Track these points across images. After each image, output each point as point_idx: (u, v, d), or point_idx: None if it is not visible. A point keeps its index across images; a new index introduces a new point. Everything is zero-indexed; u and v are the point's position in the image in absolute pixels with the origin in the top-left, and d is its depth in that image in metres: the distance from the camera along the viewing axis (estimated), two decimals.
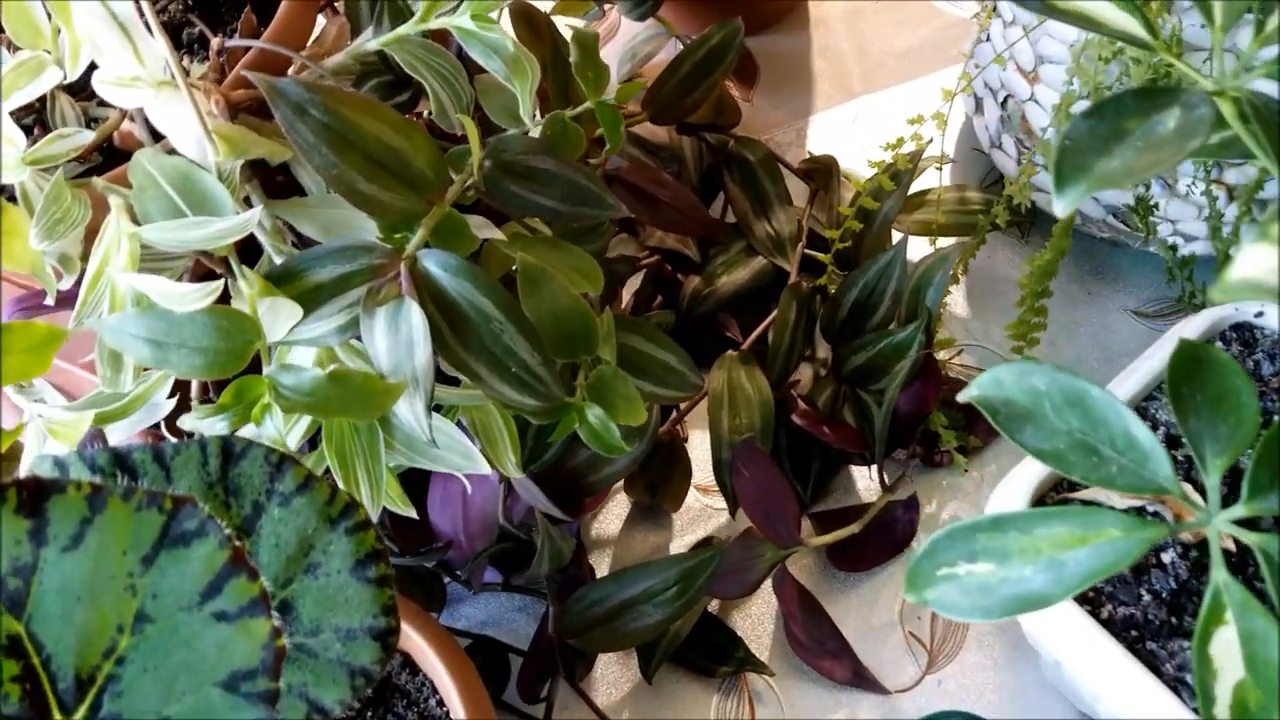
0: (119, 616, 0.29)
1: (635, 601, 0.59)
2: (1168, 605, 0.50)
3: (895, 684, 0.65)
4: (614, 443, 0.47)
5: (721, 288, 0.76)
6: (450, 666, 0.49)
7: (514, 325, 0.42)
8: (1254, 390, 0.36)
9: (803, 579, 0.68)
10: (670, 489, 0.69)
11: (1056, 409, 0.36)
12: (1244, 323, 0.58)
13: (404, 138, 0.41)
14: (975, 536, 0.37)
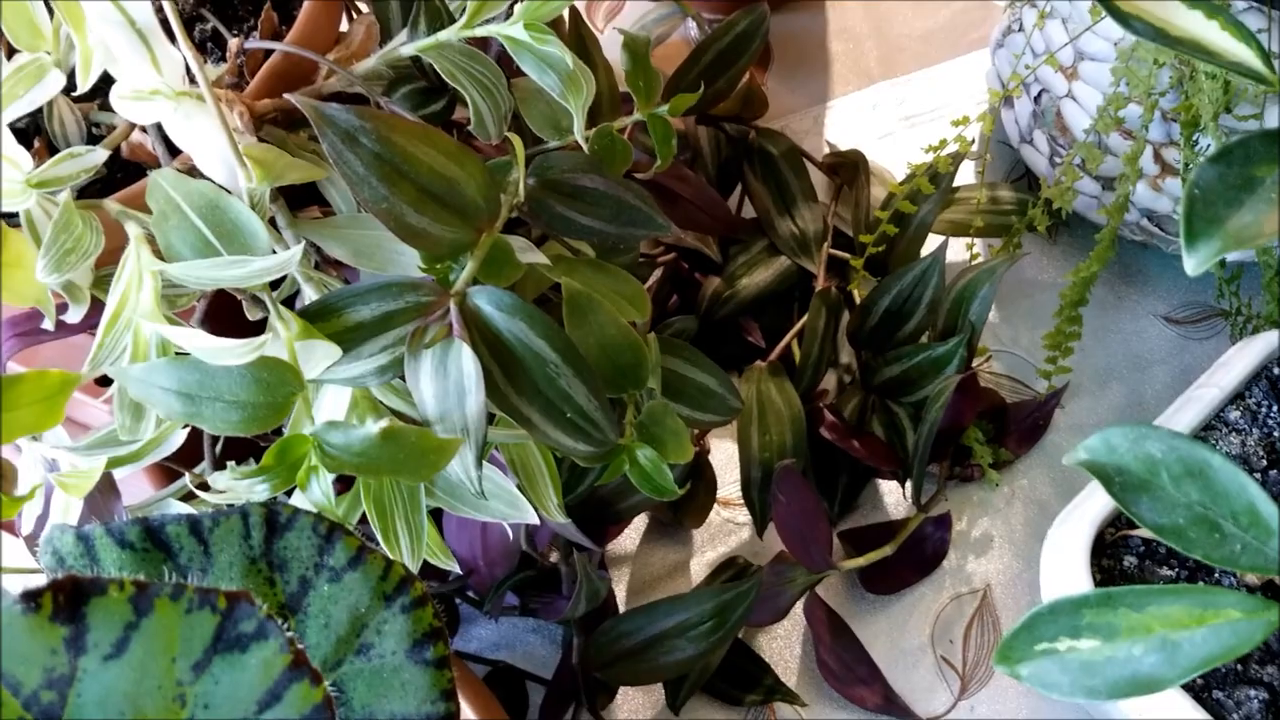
0: None
1: (667, 635, 0.56)
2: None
3: (927, 711, 0.63)
4: (666, 486, 0.44)
5: (743, 290, 0.73)
6: (471, 699, 0.46)
7: (570, 368, 0.39)
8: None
9: (831, 600, 0.65)
10: (694, 506, 0.67)
11: (1175, 480, 0.34)
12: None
13: (458, 165, 0.37)
14: (1081, 612, 0.35)
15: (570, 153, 0.45)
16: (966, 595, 0.67)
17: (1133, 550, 0.52)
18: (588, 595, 0.52)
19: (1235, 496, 0.33)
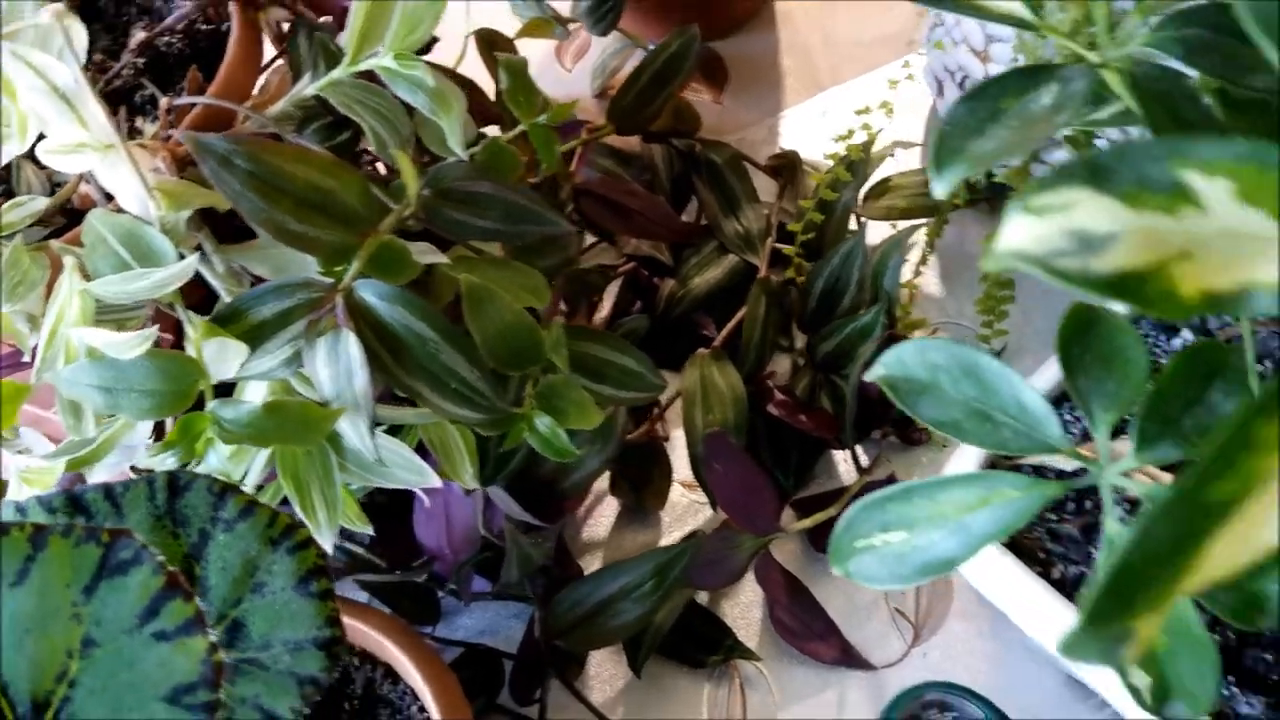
0: (67, 643, 0.32)
1: (614, 599, 0.61)
2: None
3: (882, 660, 0.67)
4: (564, 448, 0.49)
5: (695, 288, 0.78)
6: (427, 674, 0.52)
7: (450, 344, 0.45)
8: (1143, 348, 0.38)
9: (788, 564, 0.70)
10: (652, 488, 0.71)
11: (954, 381, 0.38)
12: None
13: (333, 178, 0.44)
14: (886, 507, 0.39)
15: (460, 163, 0.51)
16: None
17: None
18: (518, 559, 0.58)
19: (1004, 391, 0.38)
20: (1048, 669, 0.65)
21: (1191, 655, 0.37)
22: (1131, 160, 0.22)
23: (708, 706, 0.67)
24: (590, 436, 0.62)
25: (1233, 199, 0.22)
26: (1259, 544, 0.21)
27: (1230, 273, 0.22)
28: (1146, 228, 0.22)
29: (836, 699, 0.66)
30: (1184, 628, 0.36)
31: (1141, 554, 0.20)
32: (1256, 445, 0.20)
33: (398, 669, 0.54)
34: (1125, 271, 0.21)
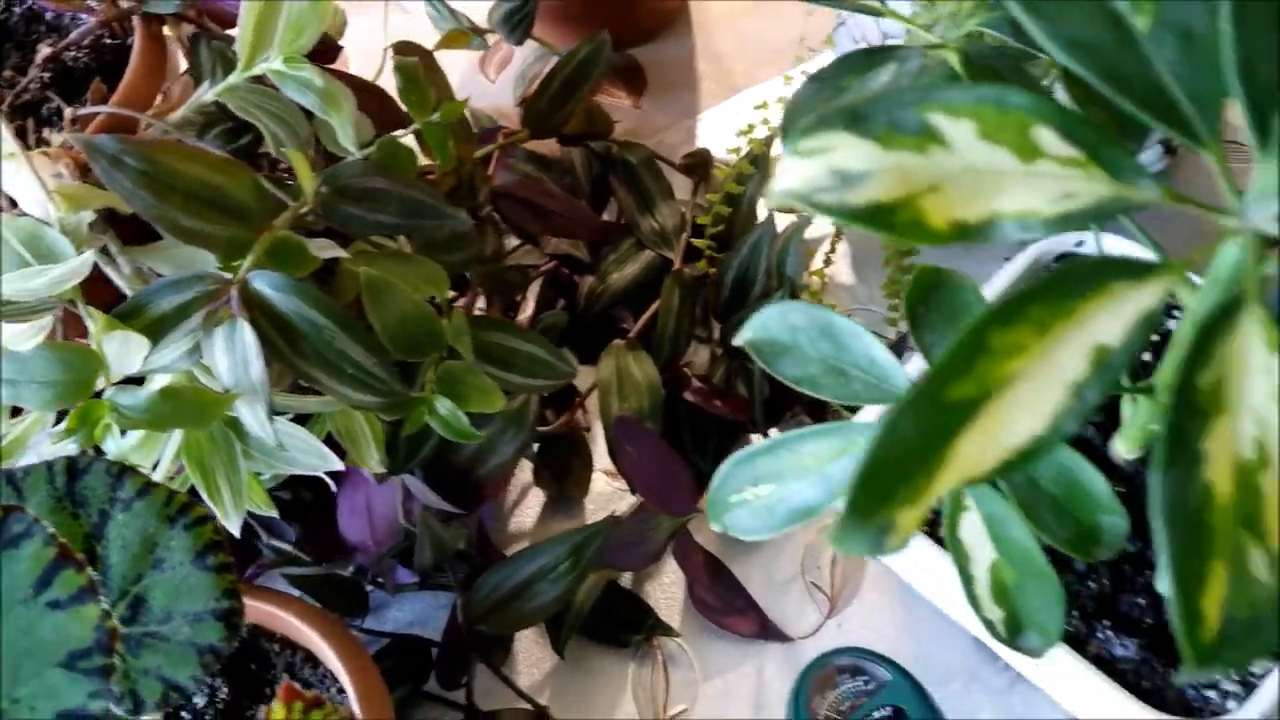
0: None
1: (532, 580, 0.63)
2: None
3: (799, 632, 0.69)
4: (465, 430, 0.51)
5: (614, 284, 0.81)
6: (344, 658, 0.54)
7: (344, 331, 0.47)
8: (985, 303, 0.40)
9: (709, 544, 0.72)
10: (574, 477, 0.74)
11: (812, 340, 0.41)
12: (1067, 252, 0.62)
13: (223, 175, 0.46)
14: (755, 462, 0.42)
15: (357, 161, 0.53)
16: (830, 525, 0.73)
17: None
18: (431, 544, 0.60)
19: (856, 348, 0.40)
20: (956, 635, 0.68)
21: (1038, 589, 0.39)
22: (885, 106, 0.25)
23: (632, 684, 0.69)
24: (504, 424, 0.64)
25: (976, 138, 0.24)
26: (1006, 443, 0.23)
27: (977, 204, 0.24)
28: (898, 165, 0.24)
29: (755, 670, 0.68)
30: (1029, 563, 0.39)
31: (890, 449, 0.22)
32: (992, 351, 0.23)
33: (317, 654, 0.56)
34: (877, 203, 0.24)
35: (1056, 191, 0.24)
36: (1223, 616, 0.22)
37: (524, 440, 0.64)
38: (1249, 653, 0.23)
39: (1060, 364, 0.23)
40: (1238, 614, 0.22)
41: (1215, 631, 0.22)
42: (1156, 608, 0.52)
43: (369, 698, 0.53)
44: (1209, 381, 0.23)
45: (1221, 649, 0.22)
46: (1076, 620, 0.51)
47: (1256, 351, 0.23)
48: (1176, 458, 0.22)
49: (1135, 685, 0.49)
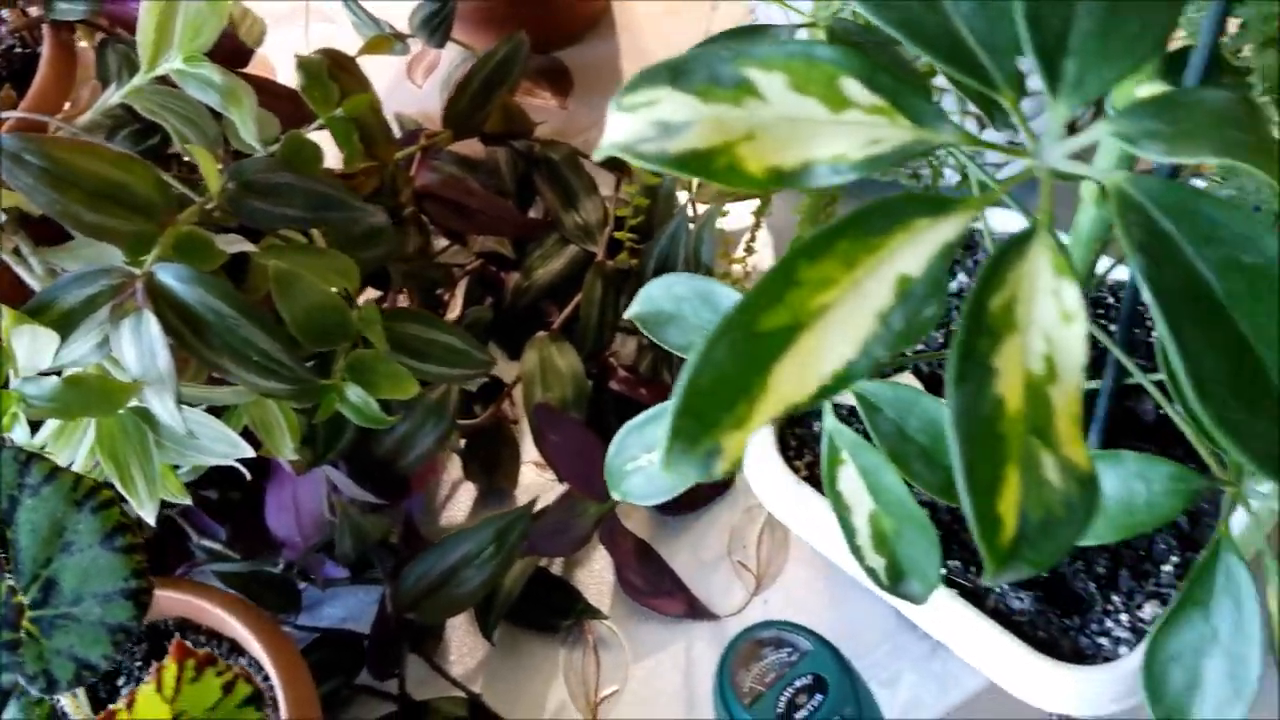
0: None
1: (458, 567, 0.64)
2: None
3: (726, 610, 0.71)
4: (376, 416, 0.53)
5: (539, 279, 0.82)
6: (269, 646, 0.55)
7: (249, 320, 0.48)
8: None
9: (637, 529, 0.74)
10: (503, 469, 0.75)
11: (695, 309, 0.42)
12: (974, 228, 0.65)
13: (125, 171, 0.47)
14: (645, 429, 0.43)
15: (262, 158, 0.54)
16: (755, 506, 0.75)
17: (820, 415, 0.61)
18: (351, 532, 0.61)
19: None
20: (878, 606, 0.70)
21: (915, 536, 0.41)
22: (705, 62, 0.26)
23: (564, 668, 0.70)
24: (424, 415, 0.65)
25: (788, 90, 0.26)
26: (822, 369, 0.25)
27: (791, 151, 0.26)
28: (716, 116, 0.26)
29: (684, 649, 0.70)
30: (905, 511, 0.41)
31: (706, 375, 0.24)
32: (801, 283, 0.25)
33: (242, 644, 0.57)
34: (694, 150, 0.25)
35: (865, 138, 0.26)
36: (1019, 519, 0.24)
37: (445, 431, 0.66)
38: (1047, 553, 0.24)
39: (868, 294, 0.25)
40: (1033, 516, 0.24)
41: (1013, 533, 0.24)
42: None
43: (293, 684, 0.54)
44: (1000, 303, 0.25)
45: (1020, 550, 0.24)
46: (975, 575, 0.53)
47: (1045, 274, 0.25)
48: (968, 373, 0.24)
49: (1032, 636, 0.51)
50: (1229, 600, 0.35)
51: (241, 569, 0.65)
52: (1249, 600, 0.35)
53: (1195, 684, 0.35)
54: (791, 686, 0.63)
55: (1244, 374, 0.24)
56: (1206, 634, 0.35)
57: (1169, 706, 0.35)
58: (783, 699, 0.62)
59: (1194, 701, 0.35)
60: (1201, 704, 0.35)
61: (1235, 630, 0.34)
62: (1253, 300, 0.24)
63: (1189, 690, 0.35)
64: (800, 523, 0.57)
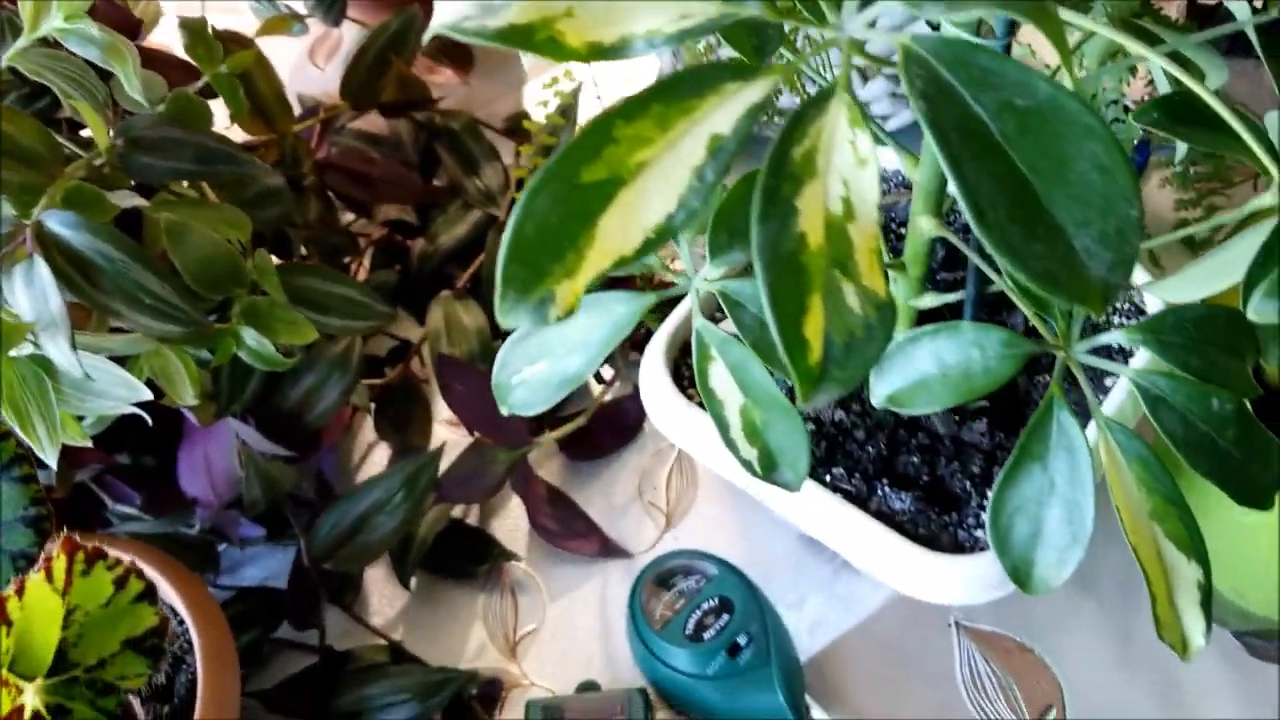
0: None
1: (369, 514, 0.66)
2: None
3: (638, 548, 0.73)
4: (272, 358, 0.54)
5: (443, 244, 0.84)
6: (180, 589, 0.56)
7: (139, 263, 0.49)
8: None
9: (550, 478, 0.76)
10: (415, 426, 0.77)
11: None
12: None
13: (9, 123, 0.48)
14: (528, 341, 0.45)
15: (149, 114, 0.55)
16: (665, 448, 0.77)
17: None
18: (259, 480, 0.62)
19: None
20: (784, 535, 0.72)
21: (784, 425, 0.43)
22: None
23: (482, 612, 0.72)
24: (329, 368, 0.67)
25: None
26: (644, 222, 0.27)
27: (609, 28, 0.28)
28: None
29: (600, 587, 0.72)
30: (773, 402, 0.43)
31: (529, 224, 0.26)
32: (618, 140, 0.27)
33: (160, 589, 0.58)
34: (514, 25, 0.27)
35: (676, 13, 0.28)
36: (824, 342, 0.26)
37: (350, 383, 0.67)
38: (852, 372, 0.27)
39: (684, 152, 0.27)
40: (837, 338, 0.26)
41: (819, 355, 0.26)
42: (930, 466, 0.57)
43: (208, 626, 0.55)
44: (802, 152, 0.27)
45: (828, 371, 0.27)
46: (859, 481, 0.56)
47: (842, 126, 0.28)
48: (771, 212, 0.26)
49: (914, 534, 0.54)
50: (1063, 453, 0.37)
51: (157, 530, 0.66)
52: (1081, 451, 0.37)
53: (1038, 532, 0.38)
54: (699, 609, 0.65)
55: (1019, 202, 0.27)
56: (1045, 485, 0.38)
57: (1016, 556, 0.38)
58: (691, 621, 0.65)
59: (1038, 548, 0.38)
60: (1045, 550, 0.38)
61: (1071, 480, 0.37)
62: (1025, 136, 0.27)
63: (1033, 539, 0.38)
64: (694, 444, 0.59)
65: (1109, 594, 0.69)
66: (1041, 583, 0.38)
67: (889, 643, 0.68)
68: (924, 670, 0.66)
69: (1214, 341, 0.37)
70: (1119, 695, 0.65)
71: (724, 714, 0.63)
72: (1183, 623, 0.37)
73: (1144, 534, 0.37)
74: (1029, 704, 0.65)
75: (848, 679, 0.67)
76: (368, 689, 0.65)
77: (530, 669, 0.69)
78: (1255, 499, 0.38)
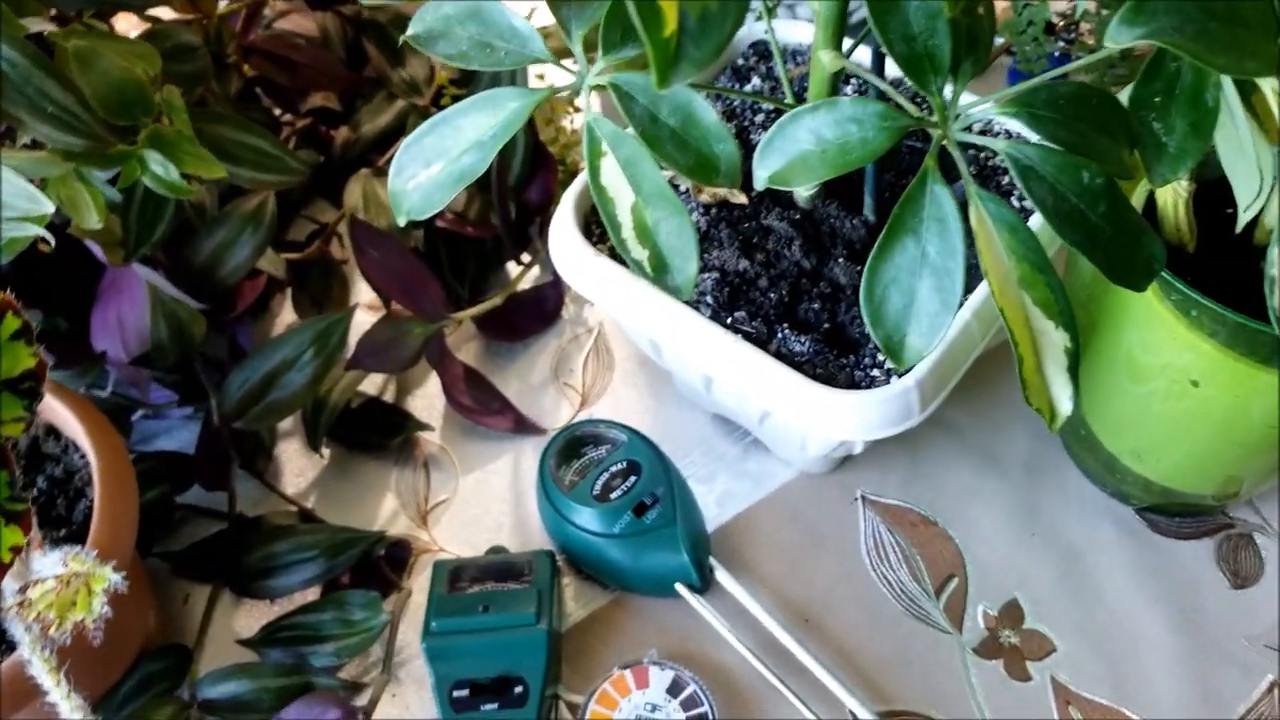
0: None
1: (278, 371, 0.65)
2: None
3: (553, 425, 0.73)
4: (176, 184, 0.54)
5: (367, 133, 0.84)
6: (83, 421, 0.56)
7: (44, 73, 0.49)
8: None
9: (467, 358, 0.76)
10: (332, 304, 0.77)
11: (461, 24, 0.45)
12: (760, 40, 0.69)
13: None
14: (423, 142, 0.46)
15: None
16: (583, 335, 0.78)
17: None
18: (167, 322, 0.62)
19: (501, 23, 0.44)
20: (697, 416, 0.73)
21: (674, 226, 0.44)
22: None
23: (395, 484, 0.72)
24: (241, 223, 0.66)
25: None
26: None
27: None
28: None
29: (513, 461, 0.72)
30: (663, 199, 0.44)
31: None
32: None
33: (59, 425, 0.57)
34: None
35: None
36: (679, 15, 0.27)
37: (262, 241, 0.67)
38: (705, 51, 0.27)
39: None
40: (691, 12, 0.27)
41: (674, 28, 0.27)
42: (831, 314, 0.58)
43: (104, 448, 0.55)
44: None
45: (684, 49, 0.27)
46: (759, 325, 0.57)
47: None
48: None
49: (810, 373, 0.55)
50: (935, 224, 0.38)
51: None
52: (953, 221, 0.38)
53: (910, 302, 0.39)
54: (607, 472, 0.66)
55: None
56: (917, 256, 0.38)
57: (889, 327, 0.39)
58: (598, 483, 0.66)
59: (910, 318, 0.39)
60: (917, 320, 0.39)
61: (942, 249, 0.38)
62: None
63: (905, 309, 0.39)
64: (603, 295, 0.60)
65: (1014, 472, 0.70)
66: (913, 351, 0.38)
67: (795, 516, 0.69)
68: (828, 542, 0.68)
69: (1085, 119, 0.38)
70: (1020, 569, 0.66)
71: (630, 572, 0.64)
72: (1050, 389, 0.38)
73: (1012, 300, 0.38)
74: (931, 573, 0.66)
75: (753, 548, 0.68)
76: (275, 546, 0.65)
77: (440, 536, 0.69)
78: (1130, 279, 0.39)
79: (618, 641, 0.64)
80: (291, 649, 0.62)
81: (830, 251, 0.58)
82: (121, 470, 0.53)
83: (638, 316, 0.58)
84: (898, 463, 0.70)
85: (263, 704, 0.60)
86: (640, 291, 0.57)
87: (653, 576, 0.64)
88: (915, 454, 0.70)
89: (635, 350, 0.77)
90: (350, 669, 0.64)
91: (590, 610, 0.66)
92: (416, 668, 0.64)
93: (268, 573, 0.65)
